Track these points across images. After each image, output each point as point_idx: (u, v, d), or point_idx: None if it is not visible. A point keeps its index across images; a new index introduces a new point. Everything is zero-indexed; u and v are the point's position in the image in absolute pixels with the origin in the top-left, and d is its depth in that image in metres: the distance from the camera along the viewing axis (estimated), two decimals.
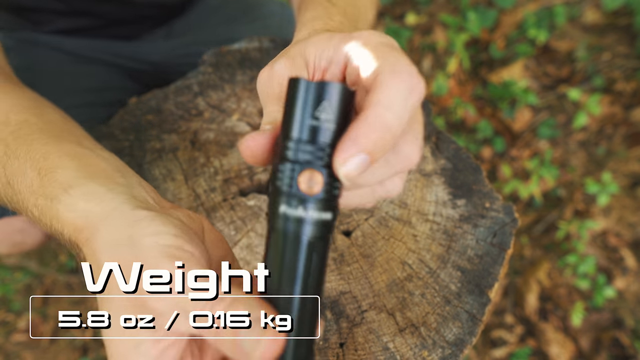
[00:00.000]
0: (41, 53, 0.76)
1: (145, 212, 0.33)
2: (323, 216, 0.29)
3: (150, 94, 0.67)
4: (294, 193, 0.28)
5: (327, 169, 0.28)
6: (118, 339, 0.30)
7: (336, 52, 0.32)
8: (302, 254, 0.29)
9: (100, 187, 0.36)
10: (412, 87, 0.28)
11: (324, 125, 0.28)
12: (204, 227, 0.36)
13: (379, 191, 0.33)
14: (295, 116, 0.28)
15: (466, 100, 1.41)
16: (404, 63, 0.28)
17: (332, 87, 0.28)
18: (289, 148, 0.28)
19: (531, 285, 1.19)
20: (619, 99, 1.40)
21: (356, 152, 0.27)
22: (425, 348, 0.48)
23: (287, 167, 0.28)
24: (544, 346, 1.12)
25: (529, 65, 1.45)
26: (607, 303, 1.16)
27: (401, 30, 1.47)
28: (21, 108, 0.45)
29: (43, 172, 0.38)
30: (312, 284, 0.29)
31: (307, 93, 0.28)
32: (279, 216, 0.29)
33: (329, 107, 0.28)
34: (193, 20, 0.84)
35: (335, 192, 0.29)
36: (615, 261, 1.22)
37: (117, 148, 0.61)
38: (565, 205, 1.28)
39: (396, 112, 0.27)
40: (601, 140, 1.36)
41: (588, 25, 1.50)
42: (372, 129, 0.27)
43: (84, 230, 0.34)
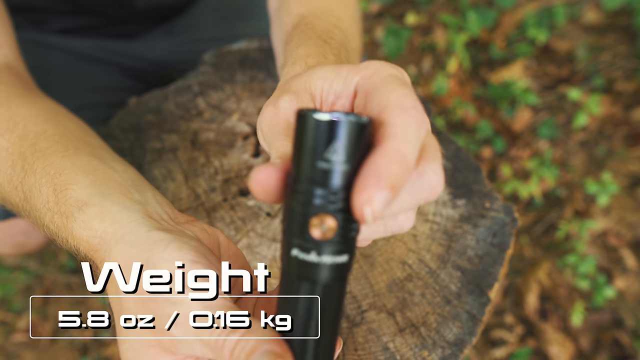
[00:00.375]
0: (42, 53, 0.76)
1: (162, 235, 0.33)
2: (338, 260, 0.27)
3: (150, 94, 0.67)
4: (307, 240, 0.27)
5: (341, 213, 0.26)
6: (138, 358, 0.31)
7: (345, 85, 0.31)
8: (316, 299, 0.28)
9: (115, 205, 0.36)
10: (420, 123, 0.27)
11: (337, 168, 0.26)
12: (220, 241, 0.36)
13: (392, 226, 0.31)
14: (305, 158, 0.26)
15: (466, 100, 1.41)
16: (412, 99, 0.28)
17: (345, 125, 0.25)
18: (299, 192, 0.26)
19: (531, 285, 1.19)
20: (619, 99, 1.40)
21: (380, 189, 0.25)
22: (425, 348, 0.48)
23: (299, 210, 0.26)
24: (544, 346, 1.12)
25: (529, 65, 1.45)
26: (607, 303, 1.16)
27: (401, 31, 1.47)
28: (40, 120, 0.45)
29: (58, 189, 0.38)
30: (327, 327, 0.28)
31: (317, 132, 0.25)
32: (292, 260, 0.27)
33: (342, 147, 0.25)
34: (193, 19, 0.84)
35: (353, 234, 0.27)
36: (615, 261, 1.22)
37: (117, 148, 0.61)
38: (565, 205, 1.28)
39: (411, 146, 0.26)
40: (601, 140, 1.36)
41: (588, 25, 1.50)
42: (393, 162, 0.25)
43: (99, 250, 0.34)
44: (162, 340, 0.30)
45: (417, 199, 0.29)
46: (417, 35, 1.52)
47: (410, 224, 0.32)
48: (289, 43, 0.46)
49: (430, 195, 0.29)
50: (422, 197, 0.29)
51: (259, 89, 0.65)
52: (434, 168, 0.28)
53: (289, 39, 0.48)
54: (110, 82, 0.79)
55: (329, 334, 0.29)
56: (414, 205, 0.29)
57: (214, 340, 0.29)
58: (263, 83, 0.66)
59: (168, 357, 0.31)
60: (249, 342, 0.28)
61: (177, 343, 0.30)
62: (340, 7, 0.53)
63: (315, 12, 0.50)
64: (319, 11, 0.50)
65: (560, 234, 1.23)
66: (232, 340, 0.28)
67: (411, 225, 0.32)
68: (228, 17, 0.85)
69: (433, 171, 0.28)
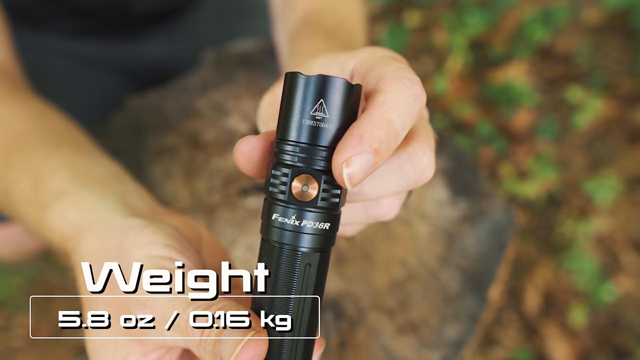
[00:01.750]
0: (41, 55, 0.76)
1: (136, 221, 0.32)
2: (320, 227, 0.26)
3: (150, 94, 0.67)
4: (288, 201, 0.25)
5: (325, 174, 0.25)
6: (104, 347, 0.30)
7: (342, 70, 0.31)
8: (297, 268, 0.26)
9: (92, 195, 0.35)
10: (415, 94, 0.27)
11: (324, 126, 0.25)
12: (202, 235, 0.35)
13: (374, 210, 0.30)
14: (291, 115, 0.25)
15: (466, 100, 1.41)
16: (408, 71, 0.27)
17: (335, 82, 0.25)
18: (283, 150, 0.26)
19: (531, 285, 1.19)
20: (619, 99, 1.40)
21: (361, 151, 0.24)
22: (425, 348, 0.48)
23: (281, 171, 0.26)
24: (544, 346, 1.12)
25: (529, 65, 1.45)
26: (607, 303, 1.16)
27: (401, 31, 1.47)
28: (25, 117, 0.45)
29: (37, 180, 0.38)
30: (307, 301, 0.27)
31: (305, 89, 0.25)
32: (272, 225, 0.26)
33: (329, 104, 0.25)
34: (193, 20, 0.84)
35: (335, 200, 0.26)
36: (615, 261, 1.22)
37: (117, 148, 0.61)
38: (565, 205, 1.28)
39: (401, 115, 0.26)
40: (601, 140, 1.36)
41: (588, 25, 1.50)
42: (378, 126, 0.25)
43: (73, 239, 0.34)
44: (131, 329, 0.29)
45: (405, 182, 0.28)
46: (417, 35, 1.52)
47: (394, 212, 0.31)
48: (296, 38, 0.47)
49: (419, 179, 0.28)
50: (411, 181, 0.28)
51: (259, 89, 0.65)
52: (424, 150, 0.28)
53: (296, 35, 0.48)
54: (109, 82, 0.79)
55: (307, 310, 0.27)
56: (401, 189, 0.29)
57: (185, 328, 0.27)
58: (263, 83, 0.66)
59: (136, 347, 0.30)
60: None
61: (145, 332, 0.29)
62: (346, 6, 0.53)
63: (322, 9, 0.50)
64: (326, 8, 0.50)
65: (560, 234, 1.23)
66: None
67: (394, 214, 0.31)
68: (228, 17, 0.85)
69: (423, 153, 0.28)
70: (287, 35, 0.52)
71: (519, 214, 1.26)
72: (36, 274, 1.23)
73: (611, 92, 1.41)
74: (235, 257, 0.52)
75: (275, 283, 0.27)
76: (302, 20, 0.49)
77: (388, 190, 0.28)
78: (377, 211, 0.30)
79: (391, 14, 1.56)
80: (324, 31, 0.45)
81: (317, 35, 0.44)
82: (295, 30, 0.49)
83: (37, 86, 0.58)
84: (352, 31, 0.50)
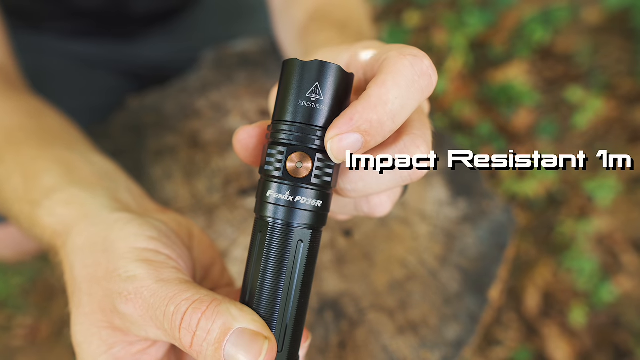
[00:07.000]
0: (41, 56, 0.76)
1: (123, 215, 0.32)
2: (313, 203, 0.27)
3: (150, 94, 0.67)
4: (283, 177, 0.26)
5: (319, 153, 0.26)
6: (88, 340, 0.30)
7: (345, 59, 0.31)
8: (289, 243, 0.27)
9: (83, 192, 0.35)
10: (421, 71, 0.26)
11: (317, 107, 0.26)
12: (193, 232, 0.35)
13: (363, 207, 0.30)
14: (287, 97, 0.27)
15: (466, 100, 1.41)
16: (413, 48, 0.26)
17: (328, 67, 0.26)
18: (279, 130, 0.27)
19: (531, 285, 1.19)
20: (619, 99, 1.40)
21: (349, 130, 0.25)
22: (425, 348, 0.48)
23: (277, 149, 0.26)
24: (544, 346, 1.12)
25: (529, 65, 1.45)
26: (607, 303, 1.16)
27: (401, 31, 1.47)
28: (17, 114, 0.45)
29: (29, 177, 0.38)
30: (298, 278, 0.27)
31: (301, 73, 0.26)
32: (267, 202, 0.27)
33: (324, 87, 0.26)
34: (192, 20, 0.84)
35: (328, 179, 0.27)
36: (615, 261, 1.21)
37: (117, 148, 0.61)
38: (565, 205, 1.28)
39: (401, 95, 0.25)
40: (601, 140, 1.36)
41: (588, 25, 1.50)
42: (371, 108, 0.25)
43: (62, 234, 0.34)
44: (114, 321, 0.29)
45: (398, 177, 0.27)
46: (417, 35, 1.52)
47: (384, 210, 0.30)
48: (307, 34, 0.47)
49: (412, 174, 0.27)
50: (404, 176, 0.27)
51: (259, 89, 0.65)
52: (417, 144, 0.27)
53: (305, 31, 0.48)
54: (109, 83, 0.79)
55: (298, 285, 0.27)
56: (393, 185, 0.28)
57: (169, 321, 0.26)
58: (262, 82, 0.66)
59: (121, 338, 0.29)
60: (208, 322, 0.26)
61: (129, 324, 0.29)
62: (351, 1, 0.54)
63: (329, 3, 0.50)
64: (333, 2, 0.51)
65: (560, 234, 1.23)
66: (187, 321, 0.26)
67: (385, 212, 0.30)
68: (228, 17, 0.85)
69: (416, 147, 0.27)
70: (292, 31, 0.53)
71: (519, 214, 1.26)
72: (36, 274, 1.23)
73: (611, 92, 1.40)
74: (235, 257, 0.52)
75: (267, 260, 0.27)
76: (309, 16, 0.49)
77: (381, 186, 0.28)
78: (365, 207, 0.30)
79: (391, 14, 1.56)
80: (335, 23, 0.46)
81: (329, 27, 0.45)
82: (304, 26, 0.49)
83: (38, 86, 0.57)
84: (361, 23, 0.50)
